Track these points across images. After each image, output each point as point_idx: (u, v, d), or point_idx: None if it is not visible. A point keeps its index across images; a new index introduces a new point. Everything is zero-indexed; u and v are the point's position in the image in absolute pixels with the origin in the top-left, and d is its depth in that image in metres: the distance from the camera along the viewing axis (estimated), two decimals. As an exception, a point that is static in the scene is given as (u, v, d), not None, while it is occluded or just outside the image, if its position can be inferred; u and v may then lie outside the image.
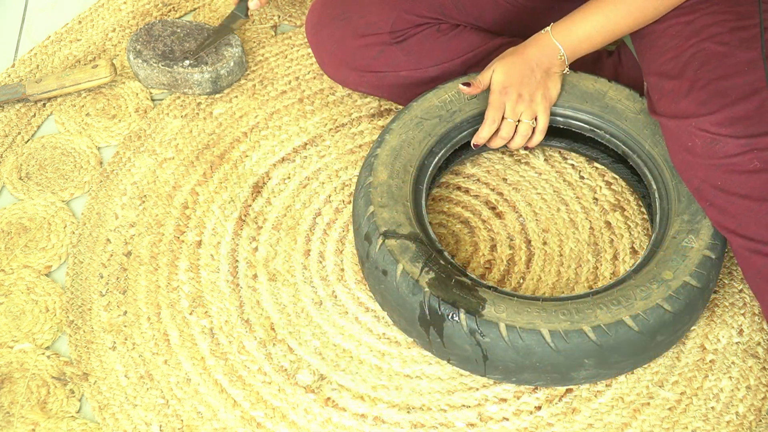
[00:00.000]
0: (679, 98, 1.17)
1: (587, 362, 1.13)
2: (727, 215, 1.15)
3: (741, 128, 1.12)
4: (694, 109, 1.15)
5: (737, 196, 1.14)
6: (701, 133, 1.14)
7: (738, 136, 1.12)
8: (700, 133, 1.15)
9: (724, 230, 1.17)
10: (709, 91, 1.15)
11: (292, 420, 1.20)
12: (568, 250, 1.36)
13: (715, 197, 1.16)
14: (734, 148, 1.13)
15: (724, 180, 1.14)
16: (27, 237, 1.40)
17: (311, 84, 1.59)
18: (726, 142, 1.13)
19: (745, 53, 1.17)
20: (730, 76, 1.15)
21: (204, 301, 1.32)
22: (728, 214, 1.15)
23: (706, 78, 1.16)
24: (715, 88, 1.15)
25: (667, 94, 1.20)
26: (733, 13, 1.19)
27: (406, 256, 1.18)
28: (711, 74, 1.16)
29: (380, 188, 1.25)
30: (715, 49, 1.17)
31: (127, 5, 1.76)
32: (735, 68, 1.16)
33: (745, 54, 1.17)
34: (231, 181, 1.46)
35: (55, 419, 1.21)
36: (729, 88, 1.14)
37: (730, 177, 1.14)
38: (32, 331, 1.30)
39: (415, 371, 1.24)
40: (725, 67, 1.16)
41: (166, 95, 1.59)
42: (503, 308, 1.14)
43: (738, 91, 1.14)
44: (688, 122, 1.15)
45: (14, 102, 1.59)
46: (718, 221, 1.17)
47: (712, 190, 1.16)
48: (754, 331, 1.26)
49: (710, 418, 1.19)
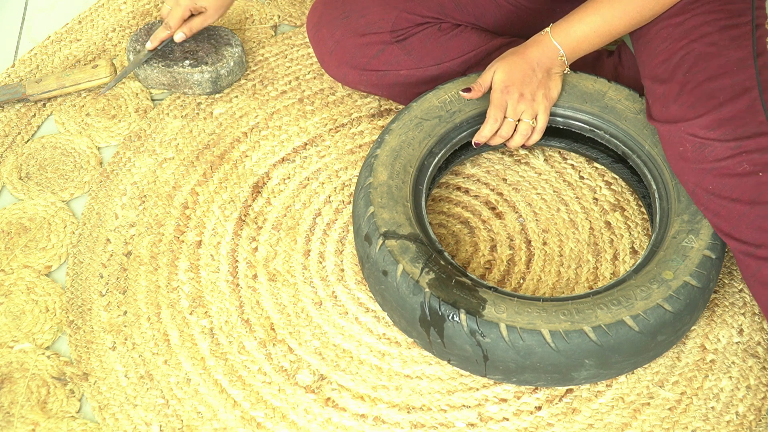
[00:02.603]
0: (669, 103, 1.17)
1: (588, 362, 1.13)
2: (721, 218, 1.15)
3: (729, 130, 1.12)
4: (683, 114, 1.15)
5: (728, 199, 1.14)
6: (691, 138, 1.14)
7: (726, 139, 1.12)
8: (689, 138, 1.14)
9: (720, 233, 1.17)
10: (697, 94, 1.14)
11: (292, 420, 1.20)
12: (568, 251, 1.36)
13: (709, 201, 1.16)
14: (723, 151, 1.12)
15: (715, 184, 1.14)
16: (27, 237, 1.40)
17: (311, 84, 1.59)
18: (715, 146, 1.12)
19: (735, 52, 1.16)
20: (718, 77, 1.15)
21: (204, 301, 1.32)
22: (722, 217, 1.15)
23: (695, 81, 1.15)
24: (702, 91, 1.14)
25: (659, 98, 1.20)
26: (724, 11, 1.19)
27: (407, 256, 1.18)
28: (699, 76, 1.15)
29: (380, 189, 1.25)
30: (704, 49, 1.17)
31: (127, 5, 1.76)
32: (724, 68, 1.15)
33: (734, 53, 1.16)
34: (231, 181, 1.46)
35: (55, 419, 1.21)
36: (717, 90, 1.14)
37: (720, 181, 1.14)
38: (32, 331, 1.30)
39: (415, 371, 1.24)
40: (714, 68, 1.15)
41: (166, 95, 1.59)
42: (504, 309, 1.14)
43: (726, 92, 1.13)
44: (678, 127, 1.15)
45: (14, 102, 1.58)
46: (714, 224, 1.17)
47: (705, 194, 1.16)
48: (754, 330, 1.26)
49: (710, 418, 1.19)
